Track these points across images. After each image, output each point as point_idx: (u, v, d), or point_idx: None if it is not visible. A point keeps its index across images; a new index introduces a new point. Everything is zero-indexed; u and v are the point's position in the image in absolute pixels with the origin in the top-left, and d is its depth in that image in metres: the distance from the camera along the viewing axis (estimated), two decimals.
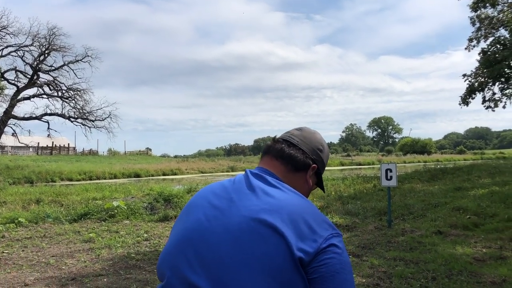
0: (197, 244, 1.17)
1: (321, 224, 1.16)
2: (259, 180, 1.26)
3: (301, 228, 1.12)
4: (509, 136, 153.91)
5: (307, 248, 1.10)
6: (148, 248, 7.75)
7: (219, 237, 1.15)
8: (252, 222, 1.14)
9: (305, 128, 1.44)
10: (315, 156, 1.38)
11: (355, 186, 16.44)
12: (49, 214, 11.17)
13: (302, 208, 1.18)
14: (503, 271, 5.50)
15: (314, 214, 1.18)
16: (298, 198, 1.22)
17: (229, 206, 1.21)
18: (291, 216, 1.14)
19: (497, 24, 21.97)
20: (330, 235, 1.14)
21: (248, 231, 1.13)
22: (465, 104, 21.40)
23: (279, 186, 1.24)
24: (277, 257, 1.08)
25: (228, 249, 1.13)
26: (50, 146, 57.59)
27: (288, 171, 1.33)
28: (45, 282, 5.77)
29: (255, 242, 1.11)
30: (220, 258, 1.12)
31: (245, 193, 1.23)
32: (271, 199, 1.19)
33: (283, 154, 1.33)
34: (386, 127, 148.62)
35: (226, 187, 1.28)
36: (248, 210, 1.17)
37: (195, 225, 1.21)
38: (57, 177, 32.16)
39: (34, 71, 33.13)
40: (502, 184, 12.86)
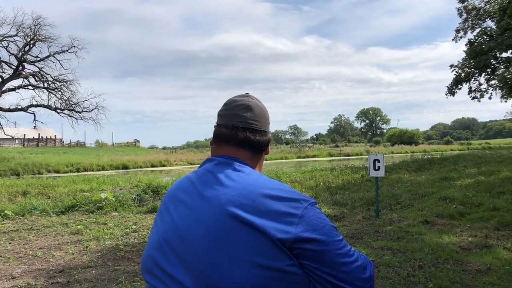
0: (175, 244, 1.19)
1: (290, 204, 1.17)
2: (224, 169, 1.28)
3: (271, 211, 1.14)
4: (495, 126, 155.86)
5: (284, 231, 1.12)
6: (137, 239, 7.73)
7: (194, 234, 1.17)
8: (222, 212, 1.15)
9: (251, 103, 1.40)
10: (269, 127, 1.43)
11: (344, 176, 16.53)
12: (36, 207, 11.07)
13: (268, 189, 1.19)
14: (488, 259, 5.59)
15: (282, 192, 1.19)
16: (264, 181, 1.24)
17: (198, 201, 1.22)
18: (259, 201, 1.16)
19: (483, 15, 22.11)
20: (303, 211, 1.16)
21: (221, 222, 1.14)
22: (451, 94, 21.56)
23: (244, 173, 1.26)
24: (254, 242, 1.10)
25: (204, 243, 1.14)
26: (37, 138, 56.98)
27: (255, 155, 1.37)
28: (32, 274, 5.73)
29: (229, 232, 1.12)
30: (198, 253, 1.14)
31: (211, 184, 1.24)
32: (237, 186, 1.20)
33: (251, 142, 1.35)
34: (374, 118, 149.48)
35: (192, 180, 1.30)
36: (217, 202, 1.18)
37: (170, 226, 1.23)
38: (44, 169, 31.82)
39: (19, 61, 32.64)
40: (487, 173, 13.04)
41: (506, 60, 18.86)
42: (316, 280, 1.14)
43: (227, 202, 1.17)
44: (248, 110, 1.37)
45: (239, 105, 1.38)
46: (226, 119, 1.37)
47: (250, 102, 1.39)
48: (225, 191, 1.20)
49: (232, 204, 1.16)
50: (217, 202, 1.18)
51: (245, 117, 1.36)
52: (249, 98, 1.42)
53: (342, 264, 1.14)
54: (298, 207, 1.17)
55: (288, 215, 1.14)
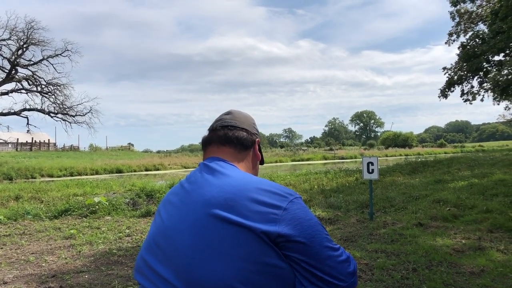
0: (162, 243, 1.23)
1: (273, 197, 1.19)
2: (209, 169, 1.32)
3: (254, 205, 1.16)
4: (488, 129, 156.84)
5: (268, 224, 1.14)
6: (130, 244, 7.68)
7: (178, 231, 1.20)
8: (205, 211, 1.19)
9: (233, 110, 1.51)
10: (255, 131, 1.49)
11: (338, 179, 16.55)
12: (29, 211, 10.99)
13: (252, 186, 1.22)
14: (481, 261, 5.60)
15: (264, 188, 1.22)
16: (247, 179, 1.26)
17: (184, 200, 1.27)
18: (242, 197, 1.18)
19: (476, 19, 22.28)
20: (287, 204, 1.19)
21: (203, 220, 1.17)
22: (444, 97, 21.68)
23: (228, 171, 1.29)
24: (237, 237, 1.12)
25: (187, 240, 1.17)
26: (30, 142, 56.66)
27: (238, 152, 1.41)
28: (24, 279, 5.68)
29: (212, 229, 1.15)
30: (181, 250, 1.17)
31: (197, 184, 1.28)
32: (220, 185, 1.23)
33: (229, 138, 1.40)
34: (368, 121, 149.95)
35: (182, 183, 1.36)
36: (201, 200, 1.22)
37: (159, 226, 1.28)
38: (37, 173, 31.67)
39: (12, 65, 32.48)
40: (481, 176, 13.09)
41: (498, 63, 19.00)
42: (301, 274, 1.16)
43: (209, 200, 1.20)
44: (228, 114, 1.49)
45: (222, 113, 1.51)
46: (210, 127, 1.49)
47: (231, 110, 1.51)
48: (209, 189, 1.24)
49: (215, 201, 1.19)
50: (201, 200, 1.22)
51: (224, 119, 1.47)
52: (232, 109, 1.53)
53: (327, 258, 1.17)
54: (282, 200, 1.19)
55: (273, 207, 1.16)
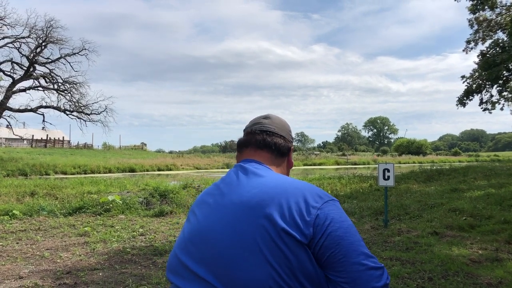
0: (198, 243, 1.23)
1: (310, 198, 1.19)
2: (246, 170, 1.32)
3: (291, 207, 1.16)
4: (504, 139, 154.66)
5: (303, 226, 1.14)
6: (144, 243, 7.71)
7: (217, 232, 1.21)
8: (244, 211, 1.19)
9: (271, 115, 1.52)
10: (290, 138, 1.50)
11: (351, 185, 16.45)
12: (44, 207, 11.10)
13: (289, 188, 1.22)
14: (499, 273, 5.50)
15: (304, 190, 1.22)
16: (283, 181, 1.26)
17: (221, 201, 1.26)
18: (281, 198, 1.18)
19: (495, 27, 22.02)
20: (322, 204, 1.19)
21: (243, 221, 1.17)
22: (462, 105, 21.45)
23: (264, 173, 1.30)
24: (275, 240, 1.12)
25: (227, 240, 1.17)
26: (45, 139, 57.34)
27: (275, 158, 1.42)
28: (40, 275, 5.73)
29: (251, 231, 1.15)
30: (220, 250, 1.17)
31: (233, 185, 1.29)
32: (258, 186, 1.24)
33: (268, 143, 1.41)
34: (381, 127, 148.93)
35: (217, 184, 1.36)
36: (239, 201, 1.22)
37: (195, 226, 1.28)
38: (51, 170, 31.99)
39: (30, 63, 32.94)
40: (498, 186, 12.89)
41: None
42: (330, 278, 1.14)
43: (248, 201, 1.20)
44: (266, 118, 1.50)
45: (259, 116, 1.52)
46: (247, 128, 1.49)
47: (269, 114, 1.53)
48: (246, 190, 1.24)
49: (253, 203, 1.19)
50: (238, 202, 1.22)
51: (263, 123, 1.47)
52: (270, 114, 1.54)
53: (357, 263, 1.12)
54: (318, 201, 1.19)
55: (309, 208, 1.16)
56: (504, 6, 21.36)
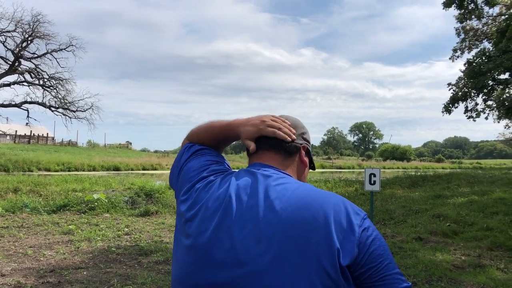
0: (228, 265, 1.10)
1: (353, 214, 1.10)
2: (266, 178, 1.19)
3: (337, 227, 1.07)
4: (486, 147, 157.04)
5: (349, 247, 1.05)
6: (129, 242, 7.65)
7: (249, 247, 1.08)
8: (278, 223, 1.08)
9: (290, 116, 1.43)
10: (301, 137, 1.37)
11: (337, 189, 16.55)
12: (27, 204, 10.95)
13: (332, 204, 1.12)
14: (481, 279, 5.59)
15: (344, 205, 1.12)
16: (319, 193, 1.16)
17: (245, 215, 1.12)
18: (327, 216, 1.08)
19: (481, 36, 22.34)
20: (362, 221, 1.10)
21: (278, 234, 1.07)
22: (448, 113, 21.66)
23: (287, 182, 1.19)
24: (313, 252, 1.04)
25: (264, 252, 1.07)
26: (28, 135, 56.53)
27: (284, 158, 1.31)
28: (22, 273, 5.64)
29: (287, 242, 1.05)
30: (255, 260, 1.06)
31: (258, 197, 1.14)
32: (288, 197, 1.12)
33: (272, 143, 1.30)
34: (367, 132, 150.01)
35: (234, 196, 1.17)
36: (271, 213, 1.10)
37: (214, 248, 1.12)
38: (34, 166, 31.57)
39: (15, 57, 32.43)
40: (480, 193, 13.09)
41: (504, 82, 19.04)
42: None
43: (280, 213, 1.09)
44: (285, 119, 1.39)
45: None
46: None
47: (282, 115, 1.41)
48: (275, 202, 1.12)
49: (286, 215, 1.09)
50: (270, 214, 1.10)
51: None
52: (284, 114, 1.43)
53: (397, 282, 1.08)
54: (358, 218, 1.10)
55: (353, 226, 1.08)
56: (491, 16, 21.71)
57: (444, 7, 19.99)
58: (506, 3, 19.60)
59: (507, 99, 17.33)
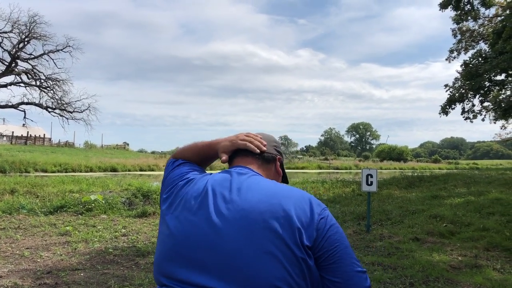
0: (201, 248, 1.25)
1: (315, 204, 1.29)
2: (241, 175, 1.38)
3: (299, 213, 1.24)
4: (483, 147, 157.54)
5: (309, 229, 1.23)
6: (126, 243, 7.64)
7: (224, 235, 1.23)
8: (254, 215, 1.23)
9: (260, 132, 1.61)
10: (275, 150, 1.58)
11: (334, 190, 16.58)
12: (24, 205, 10.93)
13: (297, 195, 1.31)
14: (478, 279, 5.61)
15: (307, 197, 1.32)
16: (286, 187, 1.35)
17: (223, 205, 1.28)
18: (288, 204, 1.26)
19: (477, 37, 22.45)
20: (322, 211, 1.29)
21: (253, 226, 1.22)
22: (445, 114, 21.76)
23: (261, 178, 1.39)
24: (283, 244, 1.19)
25: (237, 243, 1.22)
26: (25, 136, 56.33)
27: (261, 164, 1.50)
28: (19, 274, 5.63)
29: (262, 235, 1.21)
30: (229, 253, 1.20)
31: (233, 190, 1.31)
32: (262, 191, 1.30)
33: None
34: (364, 133, 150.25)
35: (213, 188, 1.35)
36: (248, 206, 1.26)
37: (193, 229, 1.29)
38: (31, 167, 31.49)
39: (12, 58, 32.35)
40: (477, 194, 13.12)
41: (500, 83, 19.12)
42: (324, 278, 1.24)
43: (257, 206, 1.25)
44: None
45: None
46: None
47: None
48: (252, 197, 1.29)
49: (263, 209, 1.24)
50: (246, 208, 1.26)
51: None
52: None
53: (350, 265, 1.24)
54: (318, 208, 1.29)
55: (314, 214, 1.26)
56: (487, 17, 21.81)
57: (440, 8, 20.07)
58: (502, 4, 19.70)
59: (503, 100, 17.38)
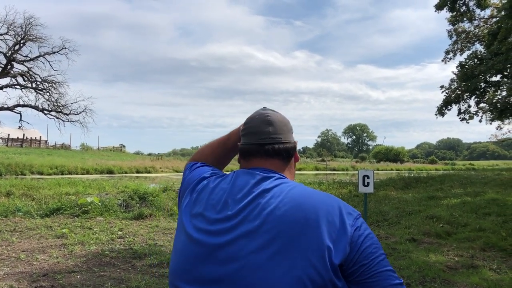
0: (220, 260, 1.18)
1: (344, 215, 1.16)
2: (266, 180, 1.26)
3: (330, 225, 1.13)
4: (479, 148, 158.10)
5: (341, 245, 1.11)
6: (123, 246, 7.62)
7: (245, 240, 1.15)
8: (276, 221, 1.14)
9: (272, 118, 1.40)
10: (293, 135, 1.44)
11: (331, 191, 16.58)
12: (20, 208, 10.87)
13: (326, 204, 1.17)
14: (474, 280, 5.62)
15: (338, 205, 1.19)
16: (315, 194, 1.22)
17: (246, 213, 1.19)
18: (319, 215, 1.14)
19: (473, 39, 22.53)
20: (353, 222, 1.15)
21: (275, 230, 1.13)
22: (441, 115, 21.82)
23: (288, 184, 1.25)
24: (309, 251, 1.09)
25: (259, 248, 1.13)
26: (21, 138, 56.11)
27: (285, 163, 1.37)
28: (15, 277, 5.61)
29: (284, 239, 1.11)
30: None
31: (256, 196, 1.21)
32: (289, 199, 1.18)
33: (278, 151, 1.35)
34: (360, 134, 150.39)
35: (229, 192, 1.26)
36: (269, 212, 1.16)
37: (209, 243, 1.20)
38: (27, 170, 31.34)
39: (8, 60, 32.29)
40: (473, 194, 13.16)
41: (496, 84, 19.21)
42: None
43: (279, 212, 1.15)
44: (270, 124, 1.38)
45: (260, 122, 1.39)
46: (249, 137, 1.39)
47: (269, 117, 1.40)
48: (275, 201, 1.18)
49: (285, 214, 1.14)
50: (268, 213, 1.16)
51: (268, 132, 1.37)
52: (267, 112, 1.43)
53: (389, 278, 1.12)
54: (352, 219, 1.16)
55: (344, 225, 1.14)
56: (482, 18, 21.90)
57: (436, 9, 20.14)
58: (497, 5, 19.77)
59: (499, 101, 17.44)
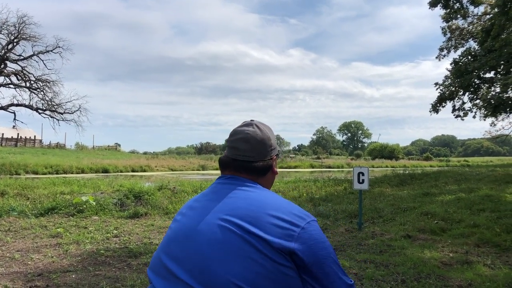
0: (180, 243, 1.30)
1: (292, 216, 1.26)
2: (231, 183, 1.39)
3: (273, 222, 1.23)
4: (473, 144, 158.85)
5: (284, 241, 1.20)
6: (118, 245, 7.60)
7: (198, 235, 1.27)
8: (227, 219, 1.25)
9: (251, 136, 1.45)
10: (272, 152, 1.49)
11: (326, 188, 16.59)
12: (14, 208, 10.82)
13: (273, 204, 1.29)
14: (469, 275, 5.65)
15: (284, 207, 1.29)
16: (268, 196, 1.34)
17: (207, 207, 1.33)
18: (262, 213, 1.25)
19: (467, 36, 22.60)
20: (306, 224, 1.26)
21: (225, 227, 1.24)
22: (436, 112, 21.88)
23: (250, 188, 1.37)
24: (255, 247, 1.19)
25: (207, 243, 1.24)
26: (15, 138, 55.87)
27: (257, 177, 1.44)
28: (10, 277, 5.59)
29: (233, 237, 1.22)
30: (199, 251, 1.24)
31: (220, 195, 1.36)
32: (243, 198, 1.32)
33: (247, 169, 1.43)
34: (355, 132, 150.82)
35: (206, 193, 1.43)
36: (224, 209, 1.29)
37: (179, 229, 1.35)
38: (21, 169, 31.20)
39: (1, 59, 32.13)
40: (468, 191, 13.22)
41: (489, 80, 19.28)
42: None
43: (232, 210, 1.28)
44: (246, 143, 1.43)
45: (239, 138, 1.45)
46: (228, 150, 1.48)
47: (248, 135, 1.45)
48: (231, 201, 1.32)
49: (237, 212, 1.26)
50: (223, 210, 1.29)
51: (242, 150, 1.43)
52: (248, 129, 1.47)
53: (336, 281, 1.23)
54: (300, 220, 1.26)
55: (291, 225, 1.24)
56: (476, 15, 21.97)
57: (430, 6, 20.17)
58: (490, 2, 19.84)
59: (493, 98, 17.52)
